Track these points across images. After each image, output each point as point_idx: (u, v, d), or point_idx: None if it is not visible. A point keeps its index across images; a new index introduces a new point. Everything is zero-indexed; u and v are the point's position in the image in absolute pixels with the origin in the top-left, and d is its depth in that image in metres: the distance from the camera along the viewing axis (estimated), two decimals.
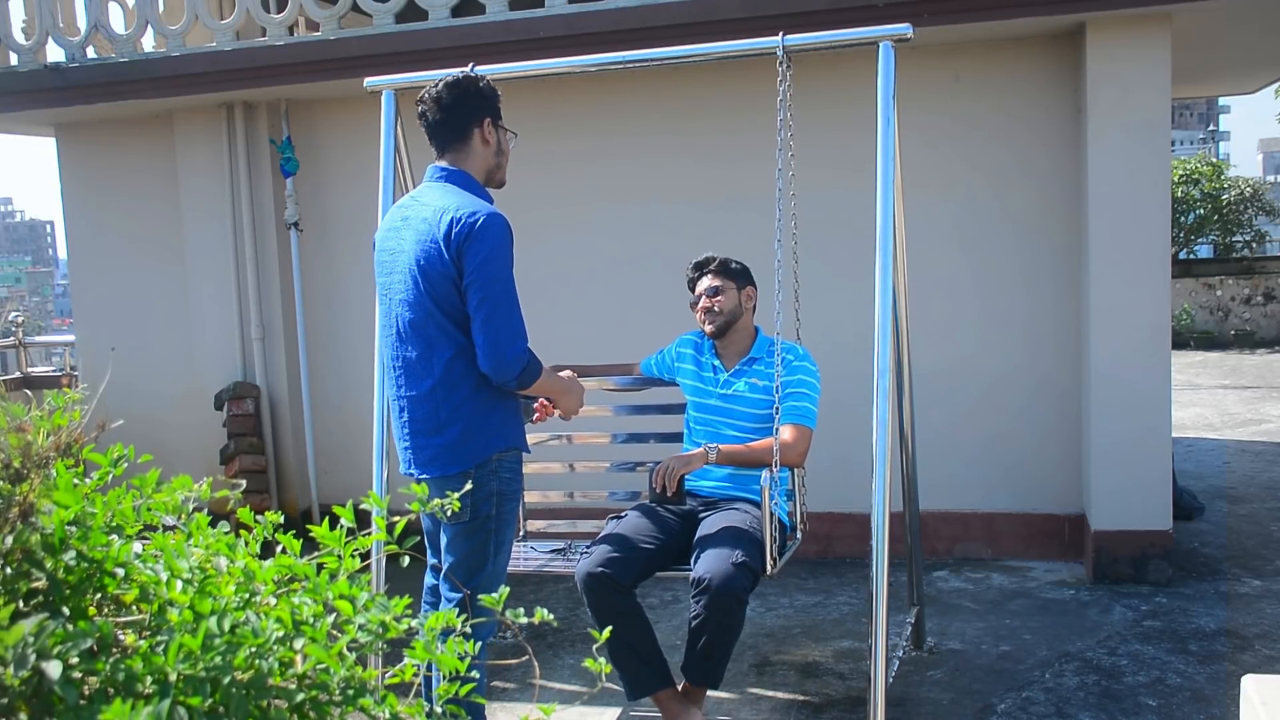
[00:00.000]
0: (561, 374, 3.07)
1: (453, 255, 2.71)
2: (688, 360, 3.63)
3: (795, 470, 3.37)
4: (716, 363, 3.55)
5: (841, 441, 4.51)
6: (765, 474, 3.12)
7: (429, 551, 3.05)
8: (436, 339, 2.77)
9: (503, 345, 2.71)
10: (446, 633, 1.36)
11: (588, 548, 3.33)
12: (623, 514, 3.46)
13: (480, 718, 3.02)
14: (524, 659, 3.87)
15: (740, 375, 3.49)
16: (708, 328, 3.52)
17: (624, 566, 3.17)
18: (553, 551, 3.75)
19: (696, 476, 3.47)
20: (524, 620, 1.42)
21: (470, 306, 2.72)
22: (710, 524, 3.29)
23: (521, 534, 3.87)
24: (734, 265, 3.56)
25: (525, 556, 3.69)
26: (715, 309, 3.49)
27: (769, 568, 3.13)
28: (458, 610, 1.45)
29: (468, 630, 1.41)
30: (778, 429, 3.23)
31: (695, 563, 3.13)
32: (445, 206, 2.76)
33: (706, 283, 3.53)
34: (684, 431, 3.65)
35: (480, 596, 1.56)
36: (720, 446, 3.32)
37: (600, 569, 3.14)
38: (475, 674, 1.35)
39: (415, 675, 1.34)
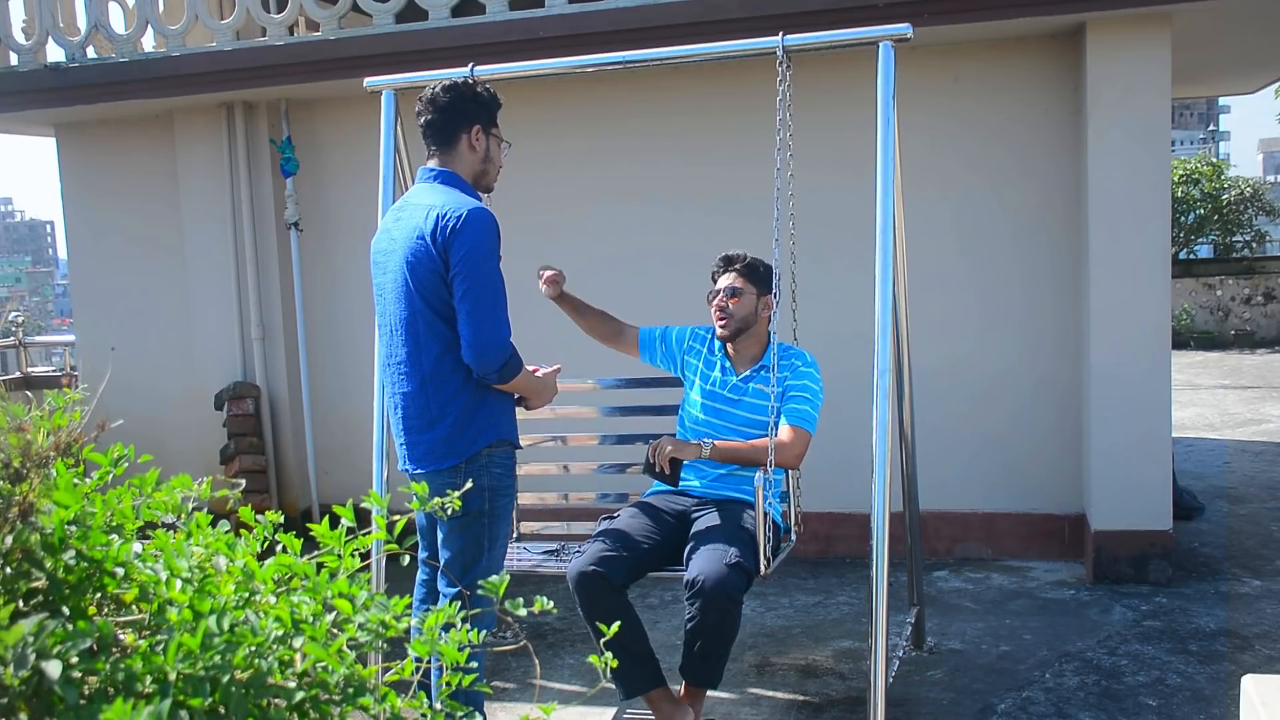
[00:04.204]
0: (547, 371, 3.10)
1: (439, 250, 2.76)
2: (697, 355, 3.54)
3: (790, 472, 3.31)
4: (727, 364, 3.48)
5: (841, 441, 4.50)
6: (759, 474, 3.06)
7: (421, 545, 3.09)
8: (425, 336, 2.82)
9: (486, 336, 2.75)
10: (446, 627, 1.36)
11: (580, 548, 3.27)
12: (616, 514, 3.40)
13: (480, 709, 3.03)
14: (521, 644, 3.88)
15: (750, 381, 3.42)
16: (719, 329, 3.44)
17: (616, 565, 3.12)
18: (545, 553, 3.71)
19: (689, 475, 3.40)
20: (523, 611, 1.42)
21: (455, 299, 2.76)
22: (703, 523, 3.24)
23: (515, 535, 3.85)
24: (761, 269, 3.42)
25: (518, 558, 3.67)
26: (729, 310, 3.41)
27: (763, 568, 3.08)
28: (455, 605, 1.45)
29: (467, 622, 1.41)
30: (774, 429, 3.19)
31: (688, 563, 3.09)
32: (433, 204, 2.81)
33: (727, 281, 3.43)
34: (677, 429, 3.56)
35: (478, 585, 1.57)
36: (715, 442, 3.26)
37: (592, 568, 3.09)
38: (474, 664, 1.36)
39: (415, 672, 1.34)
